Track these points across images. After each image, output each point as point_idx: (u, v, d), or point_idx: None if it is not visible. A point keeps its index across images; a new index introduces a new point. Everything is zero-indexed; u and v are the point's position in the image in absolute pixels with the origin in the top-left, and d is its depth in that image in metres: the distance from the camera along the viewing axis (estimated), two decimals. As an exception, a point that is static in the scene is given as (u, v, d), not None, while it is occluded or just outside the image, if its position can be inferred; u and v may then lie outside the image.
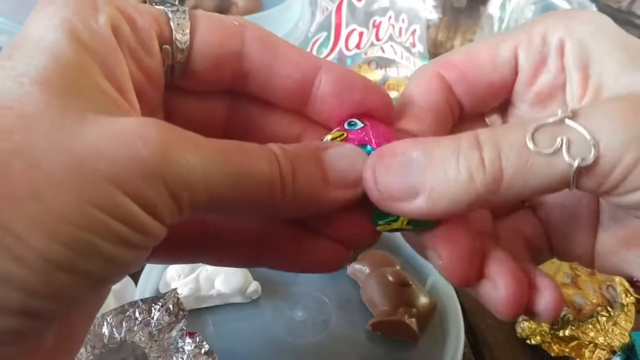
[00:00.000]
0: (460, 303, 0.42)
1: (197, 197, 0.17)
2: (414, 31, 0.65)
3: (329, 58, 0.61)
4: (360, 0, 0.62)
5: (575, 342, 0.42)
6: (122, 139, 0.16)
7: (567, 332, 0.41)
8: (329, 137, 0.24)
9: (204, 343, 0.34)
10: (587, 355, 0.41)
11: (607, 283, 0.44)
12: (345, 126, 0.25)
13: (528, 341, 0.43)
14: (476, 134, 0.20)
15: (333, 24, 0.61)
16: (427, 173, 0.20)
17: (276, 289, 0.42)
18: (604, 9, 0.77)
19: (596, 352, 0.41)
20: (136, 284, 0.40)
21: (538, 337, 0.42)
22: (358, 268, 0.43)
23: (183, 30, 0.21)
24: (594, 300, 0.42)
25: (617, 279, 0.45)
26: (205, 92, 0.23)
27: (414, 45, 0.65)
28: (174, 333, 0.34)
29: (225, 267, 0.41)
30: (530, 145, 0.20)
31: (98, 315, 0.38)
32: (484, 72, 0.26)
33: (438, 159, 0.20)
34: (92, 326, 0.34)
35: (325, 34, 0.61)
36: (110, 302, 0.39)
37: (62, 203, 0.15)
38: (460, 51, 0.27)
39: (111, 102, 0.18)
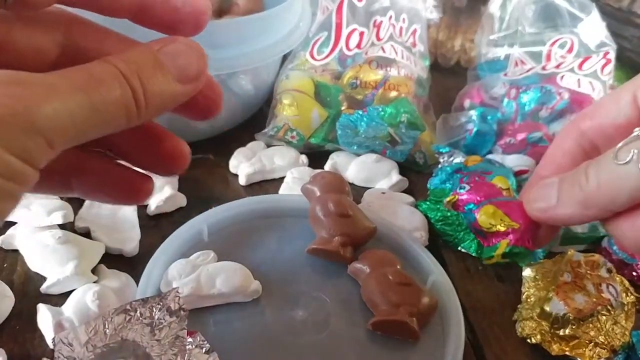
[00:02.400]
0: (461, 302, 0.42)
1: (67, 137, 0.19)
2: (415, 31, 0.65)
3: (330, 57, 0.61)
4: (361, 0, 0.62)
5: (576, 341, 0.41)
6: None
7: (567, 331, 0.41)
8: (446, 199, 0.45)
9: (205, 342, 0.34)
10: (587, 355, 0.41)
11: (607, 282, 0.44)
12: (458, 190, 0.44)
13: (528, 340, 0.43)
14: (587, 164, 0.34)
15: (334, 23, 0.61)
16: (560, 188, 0.34)
17: (277, 288, 0.42)
18: (604, 8, 0.77)
19: (597, 351, 0.41)
20: (137, 283, 0.40)
21: (538, 336, 0.42)
22: (359, 267, 0.43)
23: None
24: (594, 300, 0.42)
25: (618, 278, 0.45)
26: (35, 21, 0.23)
27: (414, 45, 0.65)
28: (174, 332, 0.34)
29: (226, 268, 0.41)
30: (614, 159, 0.30)
31: (99, 314, 0.38)
32: (610, 116, 0.36)
33: (564, 182, 0.34)
34: (93, 325, 0.34)
35: (325, 33, 0.61)
36: (112, 301, 0.40)
37: None
38: (591, 105, 0.39)
39: None
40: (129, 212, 0.47)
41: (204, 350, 0.34)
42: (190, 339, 0.34)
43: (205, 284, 0.40)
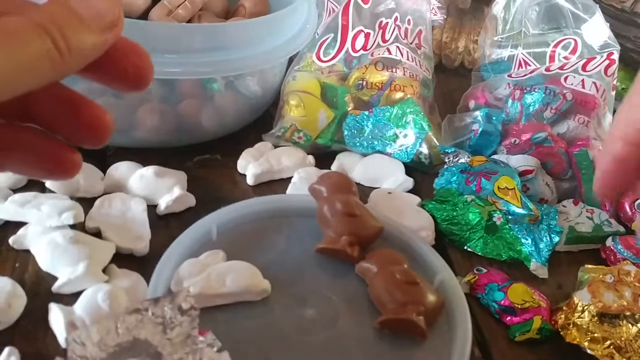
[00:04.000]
0: (468, 301, 0.42)
1: None
2: (420, 32, 0.65)
3: (336, 59, 0.62)
4: (367, 2, 0.62)
5: (593, 335, 0.41)
6: None
7: (586, 323, 0.41)
8: (465, 279, 0.46)
9: (216, 341, 0.34)
10: (600, 351, 0.40)
11: None
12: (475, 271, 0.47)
13: (554, 322, 0.42)
14: None
15: (340, 25, 0.62)
16: None
17: (285, 287, 0.42)
18: (607, 9, 0.77)
19: (610, 351, 0.40)
20: (148, 283, 0.40)
21: (563, 318, 0.42)
22: (366, 266, 0.43)
23: None
24: (624, 303, 0.42)
25: None
26: None
27: (419, 46, 0.65)
28: (186, 331, 0.34)
29: (236, 267, 0.41)
30: None
31: (111, 313, 0.38)
32: None
33: None
34: (105, 324, 0.34)
35: (332, 35, 0.62)
36: (123, 301, 0.40)
37: None
38: None
39: None
40: (139, 212, 0.48)
41: (215, 349, 0.34)
42: (201, 338, 0.34)
43: (215, 283, 0.40)
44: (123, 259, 0.44)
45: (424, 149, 0.58)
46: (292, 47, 0.57)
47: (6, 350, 0.36)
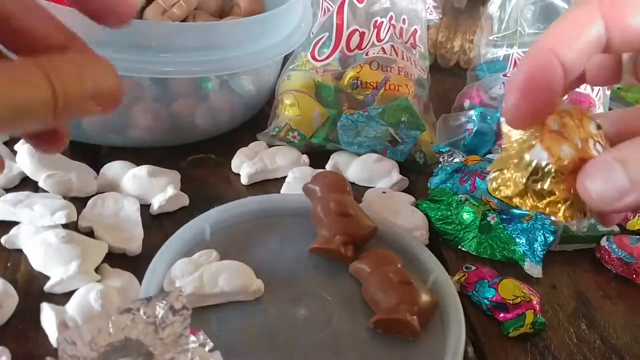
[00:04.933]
0: (460, 300, 0.42)
1: None
2: (415, 31, 0.65)
3: (331, 58, 0.61)
4: (362, 1, 0.62)
5: (553, 197, 0.34)
6: None
7: (546, 186, 0.33)
8: (455, 278, 0.46)
9: (208, 341, 0.34)
10: (562, 213, 0.33)
11: (595, 139, 0.34)
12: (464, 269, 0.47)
13: (497, 193, 0.34)
14: None
15: (334, 24, 0.61)
16: (629, 172, 0.26)
17: (279, 287, 0.42)
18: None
19: (572, 211, 0.33)
20: (140, 282, 0.40)
21: (511, 187, 0.33)
22: (360, 266, 0.43)
23: None
24: (580, 155, 0.33)
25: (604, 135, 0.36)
26: None
27: (414, 45, 0.65)
28: (178, 331, 0.34)
29: (229, 267, 0.41)
30: None
31: (102, 313, 0.38)
32: None
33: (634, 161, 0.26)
34: (97, 324, 0.34)
35: (326, 34, 0.62)
36: (115, 301, 0.40)
37: None
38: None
39: None
40: (132, 212, 0.47)
41: (207, 349, 0.34)
42: (193, 338, 0.34)
43: (207, 283, 0.40)
44: (116, 258, 0.44)
45: (419, 149, 0.58)
46: (287, 46, 0.57)
47: (-3, 350, 0.36)
